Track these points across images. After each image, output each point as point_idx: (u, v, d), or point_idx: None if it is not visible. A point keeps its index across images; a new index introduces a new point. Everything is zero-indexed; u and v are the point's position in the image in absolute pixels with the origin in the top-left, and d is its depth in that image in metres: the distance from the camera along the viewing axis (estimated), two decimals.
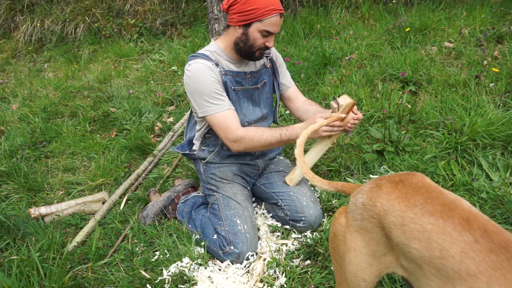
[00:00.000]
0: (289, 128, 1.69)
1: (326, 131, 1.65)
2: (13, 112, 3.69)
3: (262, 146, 1.72)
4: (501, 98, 2.45)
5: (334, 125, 1.64)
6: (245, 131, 1.68)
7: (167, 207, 2.03)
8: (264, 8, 1.59)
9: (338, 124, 1.65)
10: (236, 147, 1.71)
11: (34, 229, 1.98)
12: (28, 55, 5.67)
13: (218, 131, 1.71)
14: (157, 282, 1.59)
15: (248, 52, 1.70)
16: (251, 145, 1.69)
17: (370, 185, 1.03)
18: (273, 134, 1.69)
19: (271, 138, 1.69)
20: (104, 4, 5.53)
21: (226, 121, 1.67)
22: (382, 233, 0.96)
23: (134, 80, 4.07)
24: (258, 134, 1.69)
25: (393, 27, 3.72)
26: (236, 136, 1.67)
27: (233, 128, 1.67)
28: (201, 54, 1.73)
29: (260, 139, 1.68)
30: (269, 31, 1.64)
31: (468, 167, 1.96)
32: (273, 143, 1.70)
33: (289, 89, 2.00)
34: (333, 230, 1.08)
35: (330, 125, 1.64)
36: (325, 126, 1.63)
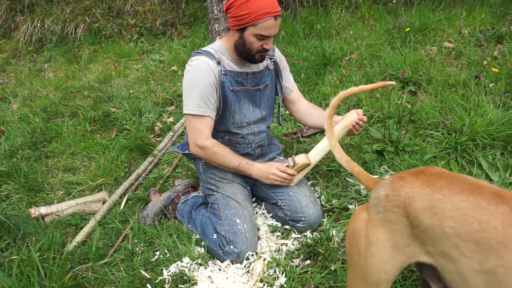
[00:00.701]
0: (248, 163, 1.81)
1: (277, 180, 1.79)
2: (13, 112, 3.70)
3: (218, 164, 1.81)
4: (501, 98, 2.45)
5: (286, 178, 1.79)
6: (212, 144, 1.75)
7: (167, 207, 2.03)
8: (257, 12, 1.57)
9: (290, 178, 1.80)
10: (197, 152, 1.78)
11: (34, 229, 1.98)
12: (28, 55, 5.68)
13: (190, 131, 1.76)
14: (157, 282, 1.59)
15: (247, 54, 1.71)
16: (211, 158, 1.78)
17: (391, 178, 1.06)
18: (234, 160, 1.78)
19: (229, 162, 1.78)
20: (104, 4, 5.54)
21: (201, 126, 1.73)
22: (407, 223, 0.97)
23: (134, 80, 4.07)
24: (222, 152, 1.77)
25: (393, 27, 3.72)
26: (204, 144, 1.73)
27: (205, 135, 1.74)
28: (205, 51, 1.73)
29: (221, 158, 1.77)
30: (264, 34, 1.63)
31: (468, 167, 1.97)
32: (229, 167, 1.80)
33: (292, 92, 2.01)
34: (353, 226, 1.09)
35: (282, 177, 1.78)
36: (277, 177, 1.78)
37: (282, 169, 1.78)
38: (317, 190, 2.00)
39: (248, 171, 1.81)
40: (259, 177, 1.81)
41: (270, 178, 1.79)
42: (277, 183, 1.81)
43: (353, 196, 1.90)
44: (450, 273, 0.91)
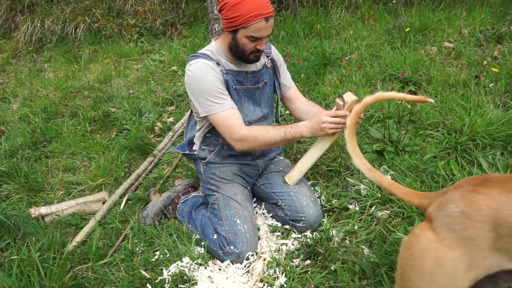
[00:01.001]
0: (293, 126, 1.67)
1: (331, 128, 1.61)
2: (13, 112, 3.70)
3: (266, 145, 1.70)
4: (501, 98, 2.45)
5: (339, 122, 1.61)
6: (249, 130, 1.67)
7: (167, 207, 2.03)
8: (247, 14, 1.55)
9: (343, 121, 1.60)
10: (241, 146, 1.69)
11: (34, 229, 1.98)
12: (28, 55, 5.68)
13: (221, 130, 1.69)
14: (157, 282, 1.59)
15: (242, 55, 1.70)
16: (256, 143, 1.68)
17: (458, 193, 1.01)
18: (278, 132, 1.67)
19: (275, 136, 1.67)
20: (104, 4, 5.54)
21: (229, 120, 1.66)
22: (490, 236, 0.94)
23: (134, 80, 4.07)
24: (263, 132, 1.67)
25: (393, 27, 3.72)
26: (241, 135, 1.66)
27: (237, 127, 1.66)
28: (202, 54, 1.73)
29: (264, 138, 1.66)
30: (255, 36, 1.61)
31: (468, 167, 1.96)
32: (278, 141, 1.68)
33: (290, 90, 2.00)
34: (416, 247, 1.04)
35: (335, 122, 1.61)
36: (330, 124, 1.60)
37: (332, 113, 1.61)
38: (317, 190, 2.00)
39: (299, 134, 1.66)
40: (312, 133, 1.65)
41: (324, 128, 1.61)
42: (332, 131, 1.63)
43: (353, 196, 1.90)
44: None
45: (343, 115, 1.60)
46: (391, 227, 1.70)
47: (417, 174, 1.96)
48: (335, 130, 1.63)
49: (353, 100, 1.60)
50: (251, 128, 1.68)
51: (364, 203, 1.84)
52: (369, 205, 1.83)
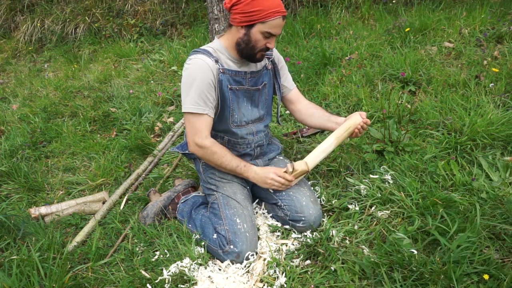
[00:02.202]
0: (246, 165, 1.80)
1: (275, 186, 1.78)
2: (13, 112, 3.70)
3: (216, 165, 1.80)
4: (501, 98, 2.45)
5: (284, 183, 1.78)
6: (211, 143, 1.75)
7: (167, 207, 2.03)
8: (268, 10, 1.60)
9: (287, 184, 1.79)
10: (196, 151, 1.77)
11: (34, 229, 1.98)
12: (28, 55, 5.68)
13: (189, 130, 1.75)
14: (157, 282, 1.59)
15: (250, 53, 1.71)
16: (209, 158, 1.77)
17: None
18: (232, 162, 1.78)
19: (227, 163, 1.77)
20: (104, 4, 5.54)
21: (201, 125, 1.72)
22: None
23: (134, 80, 4.07)
24: (221, 153, 1.76)
25: (393, 27, 3.72)
26: (203, 143, 1.73)
27: (203, 135, 1.73)
28: (203, 49, 1.73)
29: (219, 158, 1.76)
30: (271, 33, 1.65)
31: (468, 167, 1.96)
32: (227, 169, 1.80)
33: (291, 92, 2.01)
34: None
35: (280, 182, 1.77)
36: (275, 182, 1.77)
37: (280, 174, 1.77)
38: (317, 190, 2.00)
39: (246, 174, 1.80)
40: (256, 181, 1.81)
41: (268, 183, 1.78)
42: (274, 188, 1.80)
43: (353, 196, 1.90)
44: None
45: (289, 179, 1.78)
46: (391, 227, 1.70)
47: (417, 174, 1.96)
48: (276, 187, 1.79)
49: (302, 170, 1.77)
50: (214, 143, 1.76)
51: (364, 203, 1.84)
52: (369, 205, 1.83)
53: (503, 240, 1.56)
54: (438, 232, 1.57)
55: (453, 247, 1.46)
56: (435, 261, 1.46)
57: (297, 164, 1.77)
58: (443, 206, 1.69)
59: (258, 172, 1.79)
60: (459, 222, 1.59)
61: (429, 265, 1.43)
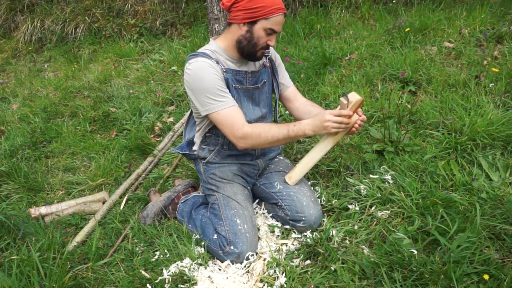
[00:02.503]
0: (296, 124, 1.66)
1: (334, 127, 1.61)
2: (13, 112, 3.70)
3: (269, 143, 1.68)
4: (501, 98, 2.45)
5: (342, 121, 1.61)
6: (252, 128, 1.66)
7: (167, 207, 2.03)
8: (271, 6, 1.61)
9: (347, 121, 1.62)
10: (243, 144, 1.68)
11: (34, 229, 1.98)
12: (28, 55, 5.67)
13: (223, 128, 1.68)
14: (157, 282, 1.59)
15: (251, 51, 1.70)
16: (258, 141, 1.66)
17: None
18: (280, 130, 1.66)
19: (278, 134, 1.65)
20: (104, 4, 5.53)
21: (232, 118, 1.65)
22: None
23: (134, 80, 4.07)
24: (265, 130, 1.66)
25: (393, 27, 3.71)
26: (243, 132, 1.65)
27: (239, 125, 1.65)
28: (201, 53, 1.73)
29: (267, 135, 1.65)
30: (273, 29, 1.66)
31: (468, 167, 1.96)
32: (281, 139, 1.67)
33: (288, 89, 2.00)
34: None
35: (338, 122, 1.60)
36: (334, 123, 1.60)
37: (336, 112, 1.60)
38: (317, 190, 2.00)
39: (302, 132, 1.64)
40: (315, 132, 1.63)
41: (326, 127, 1.60)
42: (335, 130, 1.61)
43: (353, 196, 1.90)
44: None
45: (346, 114, 1.61)
46: (391, 227, 1.70)
47: (417, 174, 1.96)
48: (337, 129, 1.62)
49: (358, 100, 1.60)
50: (253, 126, 1.67)
51: (364, 203, 1.84)
52: (369, 205, 1.83)
53: (503, 240, 1.56)
54: (438, 232, 1.57)
55: (453, 247, 1.46)
56: (435, 261, 1.46)
57: (351, 95, 1.60)
58: (443, 206, 1.69)
59: (311, 122, 1.64)
60: (459, 222, 1.59)
61: (429, 265, 1.43)
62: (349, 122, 1.63)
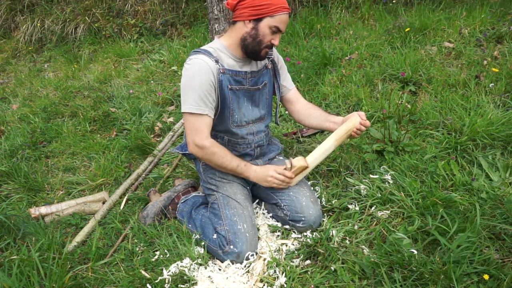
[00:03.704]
0: (247, 165, 1.81)
1: (275, 183, 1.79)
2: (13, 112, 3.70)
3: (216, 165, 1.80)
4: (501, 98, 2.45)
5: (284, 180, 1.79)
6: (211, 143, 1.74)
7: (167, 207, 2.03)
8: (277, 4, 1.64)
9: (288, 181, 1.80)
10: (196, 152, 1.76)
11: (34, 229, 1.98)
12: (28, 55, 5.67)
13: (188, 130, 1.74)
14: (157, 282, 1.59)
15: (255, 49, 1.71)
16: (210, 158, 1.76)
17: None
18: (232, 162, 1.78)
19: (227, 163, 1.77)
20: (104, 4, 5.53)
21: (201, 125, 1.71)
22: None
23: (134, 80, 4.07)
24: (221, 154, 1.76)
25: (393, 27, 3.72)
26: (203, 143, 1.72)
27: (204, 135, 1.72)
28: (203, 50, 1.73)
29: (219, 159, 1.76)
30: (279, 27, 1.67)
31: (468, 167, 1.96)
32: (227, 169, 1.80)
33: (290, 92, 2.01)
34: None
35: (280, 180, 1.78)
36: (275, 179, 1.78)
37: (280, 171, 1.78)
38: (317, 190, 2.00)
39: (246, 174, 1.81)
40: (257, 180, 1.82)
41: (268, 181, 1.79)
42: (274, 185, 1.81)
43: (353, 196, 1.90)
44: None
45: (289, 176, 1.79)
46: (391, 227, 1.70)
47: (417, 174, 1.96)
48: (277, 186, 1.81)
49: (301, 165, 1.78)
50: (214, 144, 1.75)
51: (364, 203, 1.84)
52: (369, 205, 1.83)
53: (503, 240, 1.56)
54: (438, 232, 1.57)
55: (453, 247, 1.46)
56: (435, 261, 1.46)
57: (295, 160, 1.78)
58: (443, 206, 1.69)
59: (258, 171, 1.80)
60: (459, 222, 1.59)
61: (429, 265, 1.43)
62: (290, 182, 1.81)
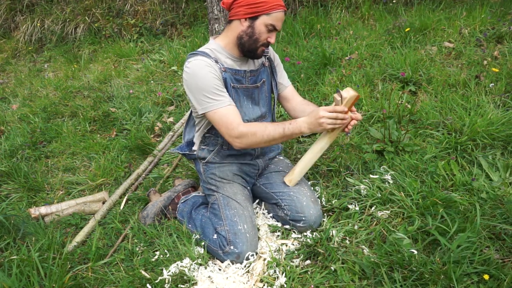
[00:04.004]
0: (292, 122, 1.66)
1: (329, 123, 1.60)
2: (13, 112, 3.69)
3: (265, 142, 1.68)
4: (501, 98, 2.45)
5: (337, 117, 1.60)
6: (247, 127, 1.66)
7: (167, 207, 2.03)
8: (272, 2, 1.64)
9: (342, 116, 1.61)
10: (239, 144, 1.68)
11: (34, 229, 1.98)
12: (28, 55, 5.67)
13: (219, 127, 1.69)
14: (157, 282, 1.59)
15: (252, 47, 1.71)
16: (254, 140, 1.66)
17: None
18: (276, 128, 1.66)
19: (274, 132, 1.65)
20: (104, 4, 5.53)
21: (227, 117, 1.66)
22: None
23: (134, 80, 4.07)
24: (261, 129, 1.66)
25: (393, 27, 3.71)
26: (239, 132, 1.65)
27: (235, 124, 1.65)
28: (200, 52, 1.73)
29: (263, 134, 1.65)
30: (274, 25, 1.67)
31: (468, 167, 1.96)
32: (277, 138, 1.67)
33: (286, 89, 2.01)
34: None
35: (333, 118, 1.60)
36: (328, 119, 1.59)
37: (330, 109, 1.60)
38: (317, 190, 2.00)
39: (298, 130, 1.64)
40: (311, 129, 1.63)
41: (321, 123, 1.60)
42: (330, 126, 1.61)
43: (353, 196, 1.90)
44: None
45: (341, 110, 1.60)
46: (391, 227, 1.70)
47: (417, 174, 1.96)
48: (333, 125, 1.62)
49: (352, 95, 1.60)
50: (249, 125, 1.67)
51: (364, 203, 1.84)
52: (369, 205, 1.83)
53: (503, 240, 1.56)
54: (438, 232, 1.57)
55: (453, 247, 1.46)
56: (435, 261, 1.46)
57: (344, 92, 1.60)
58: (443, 206, 1.69)
59: (306, 120, 1.64)
60: (459, 222, 1.59)
61: (429, 265, 1.43)
62: (345, 117, 1.62)
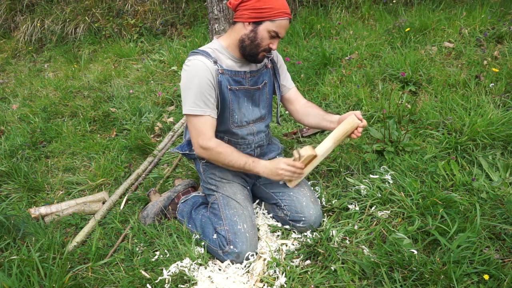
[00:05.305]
0: (255, 161, 1.75)
1: (287, 176, 1.74)
2: (13, 112, 3.69)
3: (223, 164, 1.78)
4: (501, 98, 2.45)
5: (295, 171, 1.73)
6: (216, 144, 1.73)
7: (167, 207, 2.03)
8: (278, 9, 1.63)
9: (299, 172, 1.74)
10: (201, 153, 1.76)
11: (34, 229, 1.98)
12: (28, 55, 5.67)
13: (192, 132, 1.74)
14: (157, 282, 1.59)
15: (253, 51, 1.71)
16: (216, 158, 1.75)
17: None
18: (240, 159, 1.74)
19: (235, 161, 1.74)
20: (104, 4, 5.53)
21: (204, 126, 1.71)
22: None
23: (134, 80, 4.07)
24: (227, 152, 1.74)
25: (393, 27, 3.72)
26: (208, 145, 1.72)
27: (208, 136, 1.72)
28: (201, 51, 1.73)
29: (225, 157, 1.74)
30: (277, 33, 1.67)
31: (468, 167, 1.96)
32: (235, 167, 1.77)
33: (290, 91, 2.01)
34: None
35: (291, 171, 1.72)
36: (286, 172, 1.72)
37: (290, 163, 1.72)
38: (317, 190, 2.00)
39: (255, 169, 1.75)
40: (267, 175, 1.75)
41: (279, 174, 1.72)
42: (287, 178, 1.76)
43: (353, 196, 1.90)
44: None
45: (299, 166, 1.73)
46: (391, 227, 1.70)
47: (417, 174, 1.96)
48: (290, 178, 1.76)
49: (309, 154, 1.72)
50: (219, 143, 1.74)
51: (364, 203, 1.84)
52: (369, 205, 1.83)
53: (503, 240, 1.56)
54: (438, 232, 1.57)
55: (453, 247, 1.46)
56: (435, 261, 1.46)
57: (303, 150, 1.72)
58: (443, 206, 1.69)
59: (267, 165, 1.74)
60: (459, 222, 1.59)
61: (429, 265, 1.43)
62: (301, 173, 1.76)
